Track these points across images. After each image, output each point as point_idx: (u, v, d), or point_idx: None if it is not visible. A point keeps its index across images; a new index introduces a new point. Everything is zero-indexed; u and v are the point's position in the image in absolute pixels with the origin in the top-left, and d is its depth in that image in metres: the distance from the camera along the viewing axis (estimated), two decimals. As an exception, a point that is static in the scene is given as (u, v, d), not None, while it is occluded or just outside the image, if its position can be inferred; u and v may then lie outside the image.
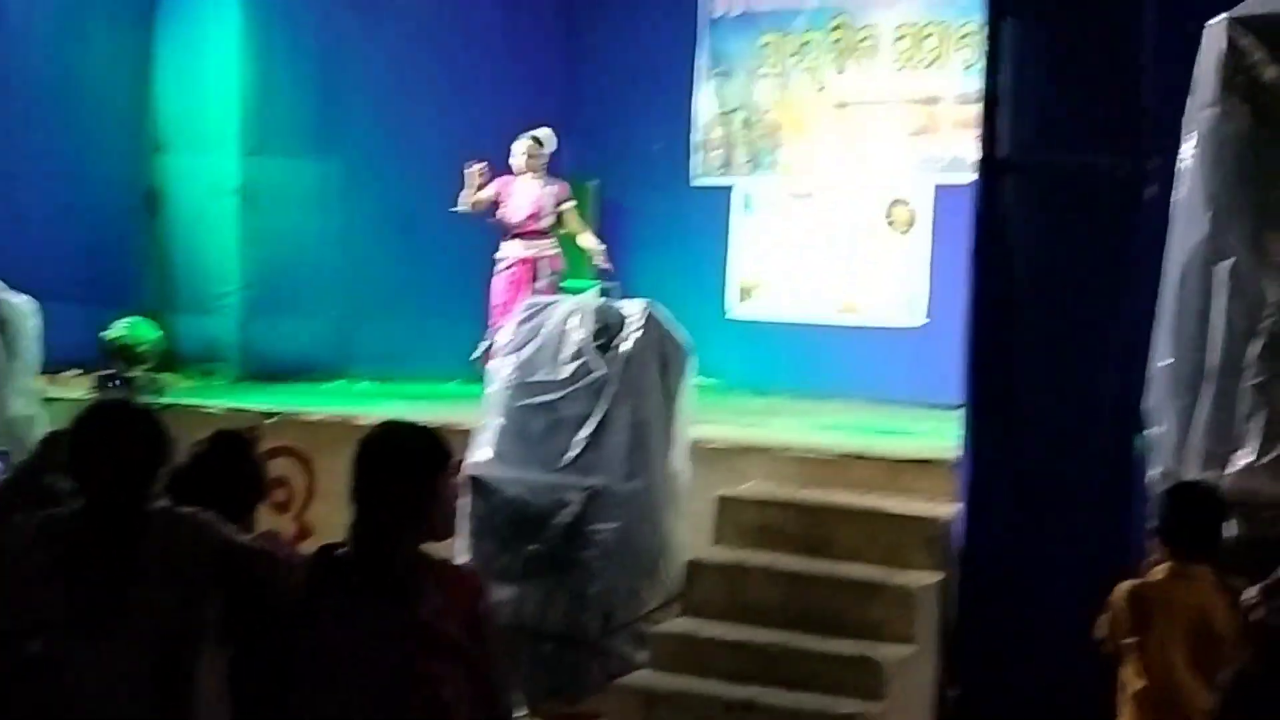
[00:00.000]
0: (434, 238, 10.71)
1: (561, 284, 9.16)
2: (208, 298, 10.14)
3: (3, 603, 3.24)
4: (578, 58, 12.54)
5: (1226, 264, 4.70)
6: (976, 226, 6.07)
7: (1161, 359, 4.96)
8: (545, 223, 9.22)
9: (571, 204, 9.35)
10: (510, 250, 9.23)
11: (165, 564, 3.22)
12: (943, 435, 6.78)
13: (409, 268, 10.80)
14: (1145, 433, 5.21)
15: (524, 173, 9.24)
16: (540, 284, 9.06)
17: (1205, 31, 4.97)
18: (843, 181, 11.55)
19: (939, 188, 10.97)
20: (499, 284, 9.22)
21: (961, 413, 6.22)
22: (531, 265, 9.15)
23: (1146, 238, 5.49)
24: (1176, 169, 5.03)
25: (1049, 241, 6.00)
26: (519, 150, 9.25)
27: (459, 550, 6.17)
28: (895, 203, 11.31)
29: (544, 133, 9.35)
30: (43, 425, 7.59)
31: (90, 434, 3.27)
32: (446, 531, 3.28)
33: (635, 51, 12.16)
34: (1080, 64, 5.92)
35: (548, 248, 9.26)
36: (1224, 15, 4.76)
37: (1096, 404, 5.74)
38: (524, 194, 9.25)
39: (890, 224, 11.34)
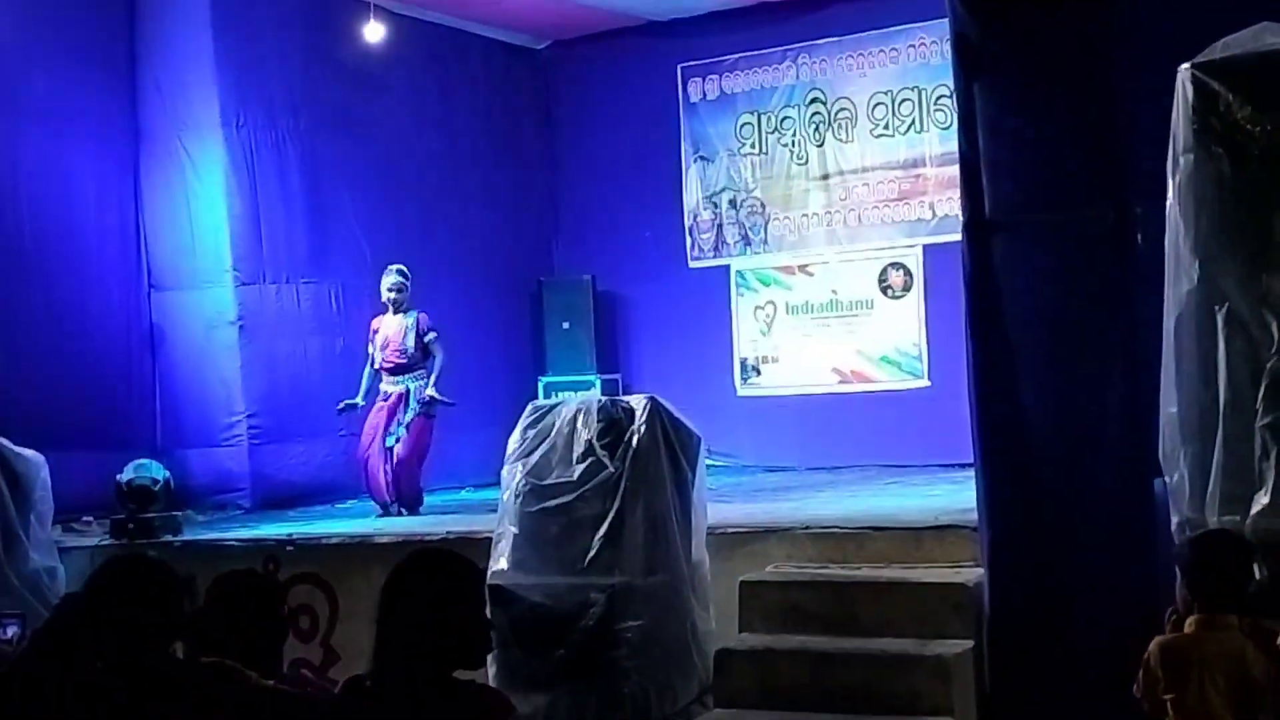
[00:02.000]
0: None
1: (430, 413, 9.48)
2: (215, 430, 10.17)
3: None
4: (562, 157, 12.67)
5: (1222, 309, 4.68)
6: (969, 288, 6.04)
7: (1169, 407, 4.92)
8: (407, 357, 9.46)
9: (433, 335, 9.53)
10: (384, 386, 9.56)
11: (189, 717, 3.21)
12: (960, 498, 6.74)
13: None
14: (1161, 479, 5.15)
15: (389, 309, 9.55)
16: (410, 415, 9.42)
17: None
18: (834, 251, 11.63)
19: (927, 248, 11.05)
20: (371, 419, 9.55)
21: (974, 472, 6.19)
22: (402, 399, 9.46)
23: (1139, 285, 5.46)
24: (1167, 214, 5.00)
25: (1042, 296, 5.97)
26: (386, 286, 9.53)
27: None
28: (889, 267, 11.37)
29: (404, 269, 9.61)
30: (61, 577, 7.60)
31: (104, 595, 3.29)
32: (478, 660, 3.26)
33: (618, 145, 12.28)
34: (1055, 118, 5.92)
35: (413, 379, 9.49)
36: (1187, 64, 4.76)
37: (1105, 454, 5.70)
38: (386, 330, 9.55)
39: (886, 289, 11.38)
